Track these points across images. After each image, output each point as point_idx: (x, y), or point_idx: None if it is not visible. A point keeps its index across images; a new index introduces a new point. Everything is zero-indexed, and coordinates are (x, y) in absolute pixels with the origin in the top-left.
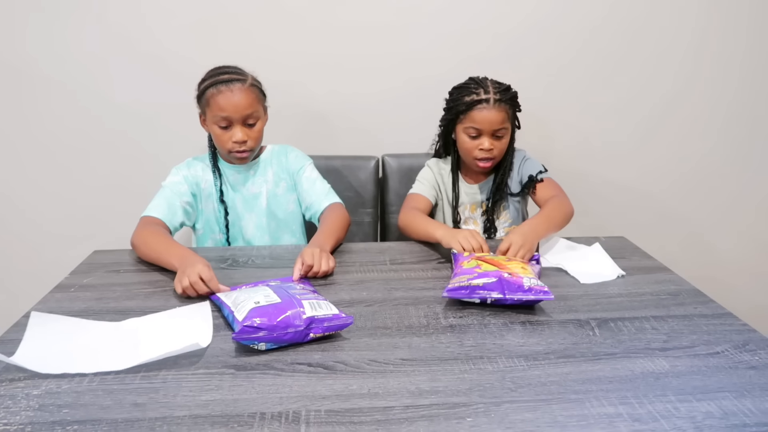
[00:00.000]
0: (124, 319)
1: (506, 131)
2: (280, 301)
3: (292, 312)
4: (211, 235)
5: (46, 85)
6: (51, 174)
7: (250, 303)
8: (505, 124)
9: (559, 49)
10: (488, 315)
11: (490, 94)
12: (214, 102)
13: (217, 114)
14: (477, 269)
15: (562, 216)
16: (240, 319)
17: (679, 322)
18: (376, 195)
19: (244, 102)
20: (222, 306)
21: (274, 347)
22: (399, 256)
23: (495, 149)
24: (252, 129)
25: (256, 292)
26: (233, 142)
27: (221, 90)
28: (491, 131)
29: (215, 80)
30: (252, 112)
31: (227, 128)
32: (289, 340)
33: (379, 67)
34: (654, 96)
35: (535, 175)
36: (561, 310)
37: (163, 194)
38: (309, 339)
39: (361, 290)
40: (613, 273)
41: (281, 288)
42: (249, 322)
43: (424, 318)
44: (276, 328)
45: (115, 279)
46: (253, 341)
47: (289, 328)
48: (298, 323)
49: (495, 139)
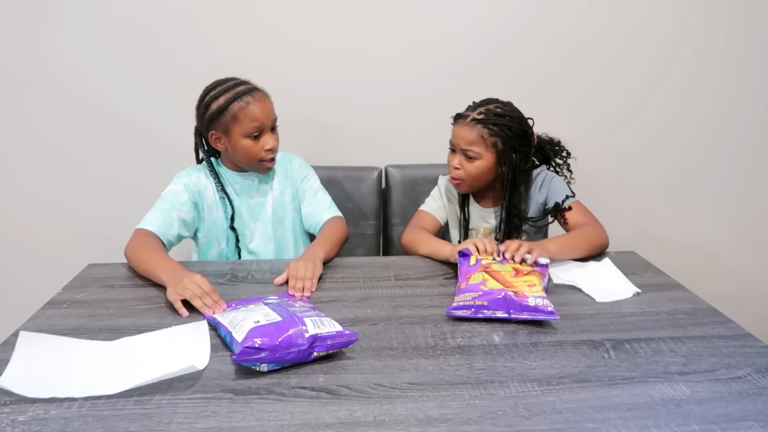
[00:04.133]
0: (117, 337)
1: (477, 155)
2: (281, 319)
3: (295, 331)
4: (215, 244)
5: (41, 92)
6: (47, 183)
7: (250, 323)
8: (475, 146)
9: (565, 55)
10: (498, 335)
11: (472, 113)
12: (244, 115)
13: (249, 126)
14: (482, 286)
15: (587, 243)
16: (240, 339)
17: (697, 344)
18: (378, 207)
19: (270, 108)
20: (218, 327)
21: (277, 368)
22: (404, 272)
23: (462, 170)
24: (275, 134)
25: (255, 310)
26: (266, 150)
27: (249, 101)
28: (461, 148)
29: (236, 93)
30: (275, 117)
31: (257, 138)
32: (292, 360)
33: (383, 75)
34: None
35: (562, 202)
36: (573, 329)
37: (159, 206)
38: (312, 358)
39: (365, 308)
40: (629, 290)
41: (280, 306)
42: (250, 343)
43: (431, 338)
44: (278, 348)
45: (110, 294)
46: (255, 363)
47: (291, 347)
48: (301, 342)
49: (466, 158)
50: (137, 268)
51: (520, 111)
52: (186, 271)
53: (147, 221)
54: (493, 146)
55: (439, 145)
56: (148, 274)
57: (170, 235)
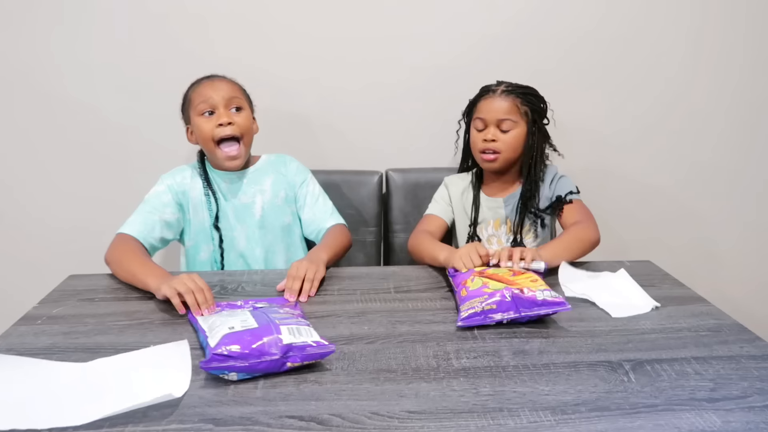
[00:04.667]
0: (92, 358)
1: (513, 125)
2: (257, 326)
3: (269, 339)
4: (204, 247)
5: (22, 97)
6: (33, 187)
7: (225, 328)
8: (511, 115)
9: (561, 48)
10: (506, 355)
11: (500, 86)
12: (195, 95)
13: (198, 102)
14: (485, 289)
15: (579, 244)
16: (212, 345)
17: (725, 365)
18: (379, 213)
19: (225, 86)
20: (198, 330)
21: (248, 377)
22: (404, 283)
23: (499, 141)
24: (238, 114)
25: (234, 315)
26: (218, 125)
27: (202, 83)
28: (495, 120)
29: (195, 81)
30: (234, 96)
31: (210, 115)
32: (264, 370)
33: (383, 76)
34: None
35: (564, 195)
36: (588, 348)
37: (141, 209)
38: (286, 368)
39: (362, 323)
40: (647, 304)
41: (262, 312)
42: (219, 350)
43: (434, 359)
44: (249, 356)
45: (88, 309)
46: (224, 371)
47: (264, 356)
48: (274, 351)
49: (500, 131)
50: (119, 274)
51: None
52: (171, 274)
53: (128, 225)
54: (525, 115)
55: (443, 148)
56: (132, 279)
57: (152, 239)
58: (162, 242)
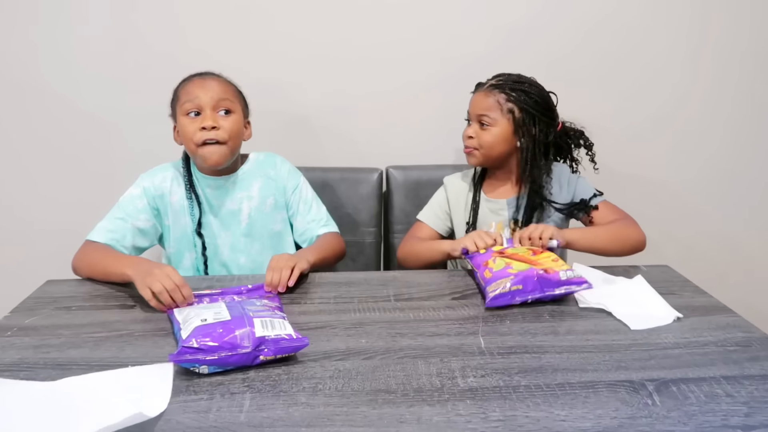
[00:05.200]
0: (62, 376)
1: (492, 122)
2: (229, 318)
3: (241, 332)
4: (187, 255)
5: (6, 90)
6: (11, 187)
7: (197, 320)
8: (491, 112)
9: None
10: (517, 372)
11: (490, 80)
12: (183, 92)
13: (185, 101)
14: (509, 270)
15: (619, 239)
16: (184, 337)
17: (758, 386)
18: (379, 212)
19: (215, 87)
20: (174, 323)
21: (219, 370)
22: (405, 290)
23: (477, 138)
24: (226, 118)
25: (208, 308)
26: (201, 128)
27: (192, 80)
28: (475, 116)
29: (186, 77)
30: (224, 98)
31: (196, 116)
32: (236, 363)
33: (383, 68)
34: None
35: (589, 199)
36: (607, 366)
37: (113, 214)
38: (259, 362)
39: (359, 336)
40: (668, 315)
41: (237, 304)
42: (190, 342)
43: (437, 377)
44: (220, 349)
45: (64, 319)
46: (194, 364)
47: (236, 349)
48: (246, 344)
49: (480, 127)
50: (93, 272)
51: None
52: (152, 262)
53: (97, 232)
54: (510, 113)
55: (446, 144)
56: (109, 273)
57: (123, 247)
58: (136, 250)
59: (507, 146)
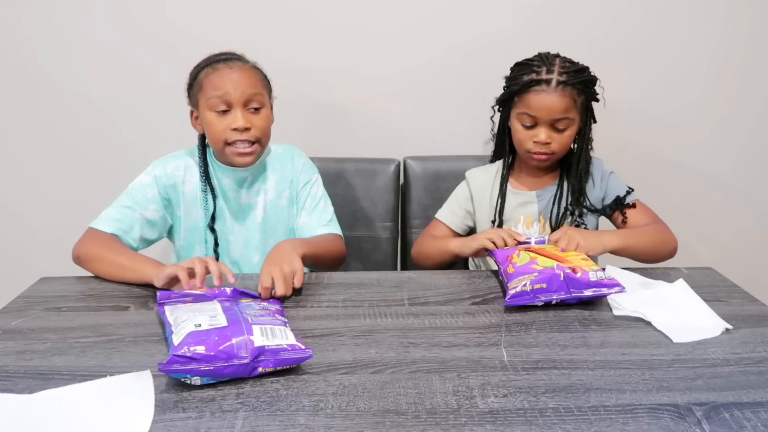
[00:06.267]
0: (43, 386)
1: (570, 123)
2: (226, 324)
3: (238, 340)
4: (197, 249)
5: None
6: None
7: (190, 325)
8: (569, 113)
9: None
10: (544, 392)
11: (553, 75)
12: (208, 82)
13: (212, 95)
14: (534, 266)
15: (655, 244)
16: (176, 344)
17: None
18: (396, 206)
19: (245, 80)
20: (165, 325)
21: (213, 382)
22: (421, 293)
23: (554, 143)
24: (256, 115)
25: (203, 310)
26: (232, 129)
27: (218, 68)
28: (549, 120)
29: (210, 60)
30: (255, 93)
31: (225, 114)
32: (232, 375)
33: (401, 52)
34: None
35: (623, 197)
36: (647, 386)
37: (121, 201)
38: (257, 373)
39: (368, 346)
40: (715, 326)
41: (234, 308)
42: (182, 351)
43: (453, 396)
44: (215, 359)
45: (52, 321)
46: (186, 374)
47: (232, 359)
48: (244, 354)
49: (554, 130)
50: (100, 270)
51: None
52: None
53: (103, 220)
54: (582, 106)
55: (468, 133)
56: (121, 272)
57: (131, 238)
58: (143, 242)
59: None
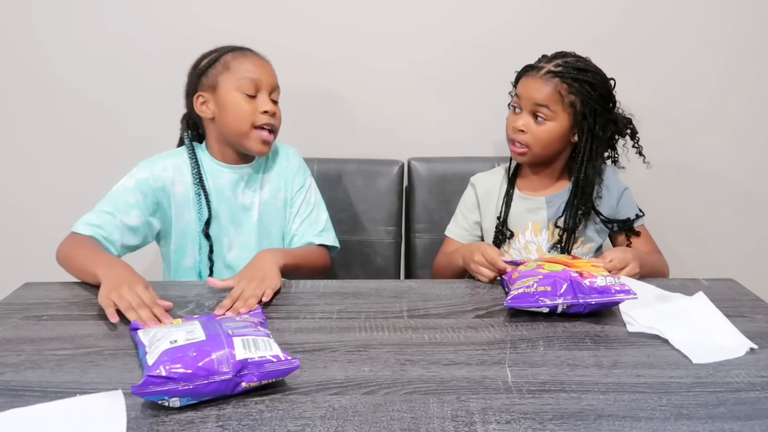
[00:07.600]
0: (13, 403)
1: (551, 115)
2: (204, 339)
3: (218, 355)
4: (190, 253)
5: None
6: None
7: (165, 342)
8: (550, 104)
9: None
10: (551, 417)
11: (547, 65)
12: (238, 64)
13: (243, 77)
14: (540, 269)
15: (654, 274)
16: (150, 363)
17: None
18: (399, 209)
19: (272, 73)
20: (139, 346)
21: (193, 402)
22: (421, 304)
23: (529, 133)
24: (276, 107)
25: (180, 327)
26: (262, 112)
27: (247, 55)
28: (530, 105)
29: (230, 47)
30: (277, 85)
31: (251, 98)
32: (213, 393)
33: (406, 49)
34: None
35: (633, 219)
36: (665, 412)
37: (101, 207)
38: (241, 390)
39: (361, 362)
40: (739, 346)
41: (213, 323)
42: (156, 371)
43: (452, 421)
44: (194, 377)
45: (30, 331)
46: (163, 396)
47: (212, 376)
48: (225, 370)
49: (534, 120)
50: (70, 269)
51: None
52: (128, 270)
53: (83, 225)
54: (571, 106)
55: (476, 134)
56: (82, 272)
57: (110, 245)
58: (125, 249)
59: (562, 143)
